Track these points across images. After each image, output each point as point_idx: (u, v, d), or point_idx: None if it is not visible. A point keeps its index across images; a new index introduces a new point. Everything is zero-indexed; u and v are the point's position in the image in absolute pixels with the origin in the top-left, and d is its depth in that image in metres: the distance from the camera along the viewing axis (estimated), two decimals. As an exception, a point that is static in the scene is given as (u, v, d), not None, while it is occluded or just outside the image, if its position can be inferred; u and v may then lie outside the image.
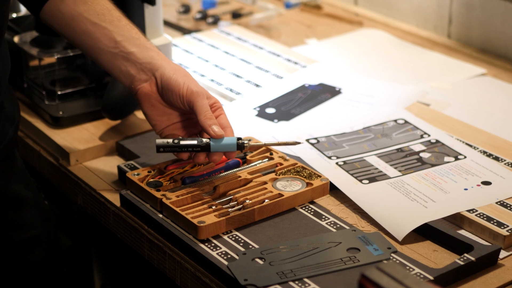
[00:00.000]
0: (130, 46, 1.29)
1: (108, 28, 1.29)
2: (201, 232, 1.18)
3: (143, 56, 1.29)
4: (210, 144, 1.24)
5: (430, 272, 1.12)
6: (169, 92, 1.27)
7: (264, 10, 2.08)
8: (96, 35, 1.29)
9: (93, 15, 1.29)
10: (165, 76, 1.28)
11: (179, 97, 1.27)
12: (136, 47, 1.29)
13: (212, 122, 1.25)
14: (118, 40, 1.29)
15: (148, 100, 1.29)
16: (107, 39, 1.29)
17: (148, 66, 1.29)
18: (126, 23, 1.31)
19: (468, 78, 1.76)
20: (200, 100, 1.26)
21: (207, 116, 1.26)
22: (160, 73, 1.28)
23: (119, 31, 1.29)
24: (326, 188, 1.30)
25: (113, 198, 1.33)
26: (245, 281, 1.10)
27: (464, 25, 1.92)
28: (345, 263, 1.14)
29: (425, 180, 1.33)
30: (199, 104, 1.26)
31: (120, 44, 1.29)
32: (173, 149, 1.26)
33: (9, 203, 1.35)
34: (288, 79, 1.70)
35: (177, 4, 2.14)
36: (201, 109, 1.26)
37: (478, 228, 1.22)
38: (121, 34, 1.29)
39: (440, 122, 1.52)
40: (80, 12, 1.30)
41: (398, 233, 1.21)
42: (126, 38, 1.29)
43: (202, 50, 1.84)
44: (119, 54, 1.29)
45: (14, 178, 1.36)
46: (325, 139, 1.46)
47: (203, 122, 1.25)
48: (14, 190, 1.36)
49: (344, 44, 1.93)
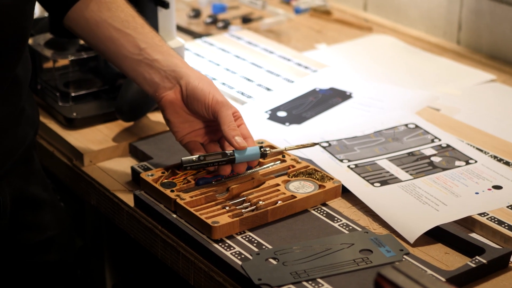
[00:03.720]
0: (155, 54, 1.30)
1: (132, 35, 1.30)
2: (215, 232, 1.20)
3: (168, 63, 1.30)
4: (235, 156, 1.26)
5: (442, 274, 1.13)
6: (194, 101, 1.28)
7: (274, 15, 2.10)
8: (120, 42, 1.30)
9: (117, 21, 1.30)
10: (190, 84, 1.28)
11: (204, 106, 1.28)
12: (160, 54, 1.30)
13: (235, 133, 1.27)
14: (142, 47, 1.30)
15: (172, 107, 1.30)
16: (131, 46, 1.29)
17: (173, 74, 1.29)
18: (149, 31, 1.32)
19: (478, 84, 1.77)
20: (225, 111, 1.27)
21: (230, 127, 1.27)
22: (186, 82, 1.29)
23: (143, 38, 1.30)
24: (338, 191, 1.31)
25: (127, 198, 1.35)
26: (259, 281, 1.11)
27: (474, 32, 1.94)
28: (358, 264, 1.15)
29: (436, 183, 1.34)
30: (224, 114, 1.27)
31: (144, 51, 1.29)
32: (199, 166, 1.27)
33: (27, 204, 1.36)
34: (299, 83, 1.71)
35: (187, 8, 2.16)
36: (225, 120, 1.27)
37: (489, 232, 1.23)
38: (145, 41, 1.30)
39: (450, 127, 1.54)
40: (104, 19, 1.30)
41: (410, 235, 1.22)
42: (150, 45, 1.30)
43: (213, 54, 1.85)
44: (143, 61, 1.29)
45: (32, 180, 1.38)
46: (337, 142, 1.47)
47: (227, 133, 1.26)
48: (32, 192, 1.37)
49: (354, 50, 1.95)
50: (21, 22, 1.19)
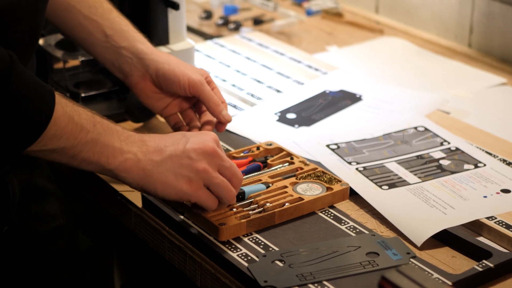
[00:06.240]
0: (121, 41, 1.35)
1: (98, 22, 1.34)
2: (222, 234, 1.20)
3: (133, 51, 1.35)
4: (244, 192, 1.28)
5: (448, 278, 1.13)
6: (169, 85, 1.36)
7: (286, 17, 2.10)
8: (88, 29, 1.34)
9: (85, 7, 1.33)
10: (160, 71, 1.35)
11: (179, 88, 1.36)
12: (126, 41, 1.35)
13: (220, 108, 1.35)
14: (108, 34, 1.34)
15: (144, 93, 1.38)
16: (98, 33, 1.34)
17: (140, 62, 1.35)
18: (116, 15, 1.36)
19: (488, 87, 1.77)
20: (204, 88, 1.35)
21: (215, 103, 1.35)
22: (154, 69, 1.35)
23: (109, 24, 1.34)
24: (346, 193, 1.31)
25: (135, 199, 1.35)
26: (265, 283, 1.11)
27: (485, 35, 1.93)
28: (364, 267, 1.15)
29: (444, 187, 1.33)
30: (204, 93, 1.35)
31: (111, 38, 1.34)
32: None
33: (34, 195, 1.37)
34: (309, 85, 1.71)
35: (199, 10, 2.16)
36: (207, 97, 1.35)
37: (497, 235, 1.23)
38: (111, 27, 1.34)
39: (460, 130, 1.53)
40: (73, 4, 1.34)
41: (417, 238, 1.22)
42: (116, 31, 1.35)
43: (224, 55, 1.86)
44: (110, 48, 1.35)
45: (37, 171, 1.39)
46: (345, 145, 1.47)
47: (214, 110, 1.35)
48: (38, 183, 1.38)
49: (365, 52, 1.94)
50: (34, 18, 1.20)
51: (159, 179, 1.16)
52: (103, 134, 1.14)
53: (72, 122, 1.10)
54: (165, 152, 1.16)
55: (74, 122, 1.10)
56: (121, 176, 1.16)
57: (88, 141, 1.12)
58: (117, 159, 1.14)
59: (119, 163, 1.15)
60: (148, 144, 1.17)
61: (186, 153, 1.16)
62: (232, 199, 1.20)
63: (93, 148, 1.13)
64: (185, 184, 1.16)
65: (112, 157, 1.14)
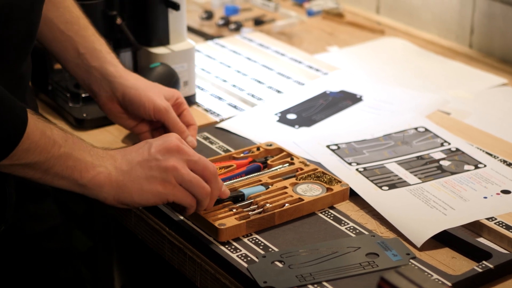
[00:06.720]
0: (92, 60, 1.37)
1: (73, 38, 1.36)
2: (221, 235, 1.20)
3: (102, 72, 1.37)
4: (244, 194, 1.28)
5: (448, 279, 1.13)
6: (135, 110, 1.38)
7: (286, 18, 2.10)
8: (63, 44, 1.37)
9: (62, 22, 1.36)
10: (126, 96, 1.37)
11: (145, 113, 1.38)
12: (97, 61, 1.37)
13: (185, 135, 1.37)
14: (81, 52, 1.37)
15: (112, 113, 1.41)
16: (72, 50, 1.38)
17: (109, 85, 1.38)
18: (91, 33, 1.39)
19: (489, 88, 1.77)
20: (170, 116, 1.37)
21: (180, 130, 1.37)
22: (121, 94, 1.37)
23: (83, 42, 1.37)
24: (346, 194, 1.31)
25: (135, 199, 1.35)
26: (264, 284, 1.11)
27: (486, 35, 1.93)
28: (364, 267, 1.15)
29: (444, 187, 1.33)
30: (169, 120, 1.37)
31: (83, 57, 1.37)
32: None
33: (31, 195, 1.37)
34: (310, 86, 1.71)
35: (200, 10, 2.16)
36: (172, 124, 1.38)
37: (497, 236, 1.23)
38: (84, 46, 1.37)
39: (460, 131, 1.53)
40: (51, 18, 1.36)
41: (417, 239, 1.22)
42: (88, 50, 1.37)
43: (225, 56, 1.86)
44: (82, 66, 1.39)
45: None
46: (346, 145, 1.47)
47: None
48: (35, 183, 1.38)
49: (365, 53, 1.94)
50: (29, 18, 1.20)
51: (134, 187, 1.17)
52: (75, 148, 1.15)
53: (45, 136, 1.11)
54: (133, 161, 1.18)
55: (46, 136, 1.11)
56: (95, 191, 1.17)
57: (61, 155, 1.13)
58: (89, 173, 1.15)
59: (92, 177, 1.15)
60: (115, 158, 1.18)
61: (152, 155, 1.18)
62: (206, 196, 1.20)
63: (66, 162, 1.13)
64: (159, 185, 1.17)
65: (85, 171, 1.15)
